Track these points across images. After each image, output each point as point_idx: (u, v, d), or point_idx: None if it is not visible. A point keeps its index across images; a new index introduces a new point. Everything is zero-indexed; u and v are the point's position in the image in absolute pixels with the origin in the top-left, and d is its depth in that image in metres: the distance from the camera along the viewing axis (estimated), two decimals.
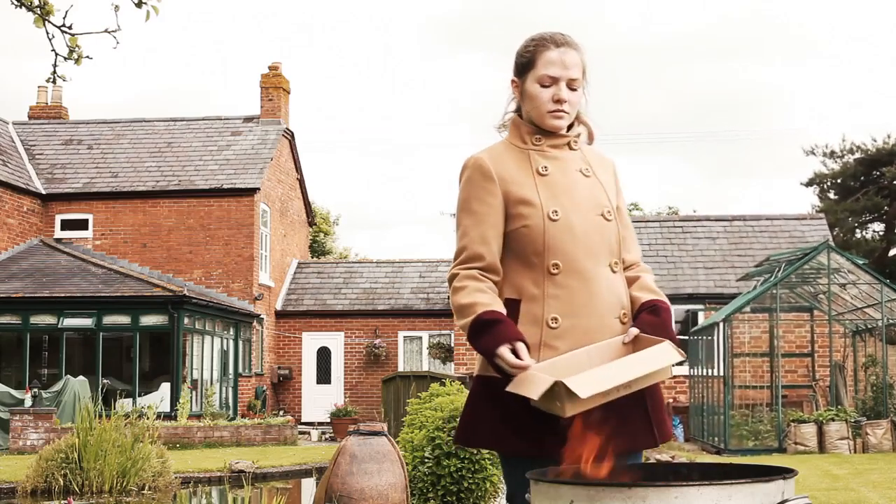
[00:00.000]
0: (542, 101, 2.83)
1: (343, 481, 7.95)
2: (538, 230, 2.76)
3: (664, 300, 2.87)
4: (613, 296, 2.80)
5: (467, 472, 8.26)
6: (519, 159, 2.85)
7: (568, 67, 2.82)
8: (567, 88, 2.82)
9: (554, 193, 2.79)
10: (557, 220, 2.76)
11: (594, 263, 2.78)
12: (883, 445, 14.95)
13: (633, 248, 2.94)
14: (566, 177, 2.84)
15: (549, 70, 2.81)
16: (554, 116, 2.83)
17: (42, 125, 27.13)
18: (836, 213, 33.42)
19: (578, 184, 2.84)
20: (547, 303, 2.75)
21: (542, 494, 2.28)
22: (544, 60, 2.82)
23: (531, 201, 2.78)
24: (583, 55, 2.87)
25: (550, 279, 2.76)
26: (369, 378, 25.36)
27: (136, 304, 20.65)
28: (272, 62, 27.02)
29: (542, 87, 2.82)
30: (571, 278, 2.76)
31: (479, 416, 2.79)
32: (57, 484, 11.73)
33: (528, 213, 2.78)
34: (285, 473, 14.74)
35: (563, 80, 2.82)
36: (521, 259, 2.80)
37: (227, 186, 24.39)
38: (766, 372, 19.27)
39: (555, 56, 2.82)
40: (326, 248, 40.10)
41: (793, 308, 18.85)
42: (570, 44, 2.85)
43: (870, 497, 9.34)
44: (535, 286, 2.77)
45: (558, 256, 2.76)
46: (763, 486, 2.15)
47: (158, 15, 5.02)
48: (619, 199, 2.93)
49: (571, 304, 2.75)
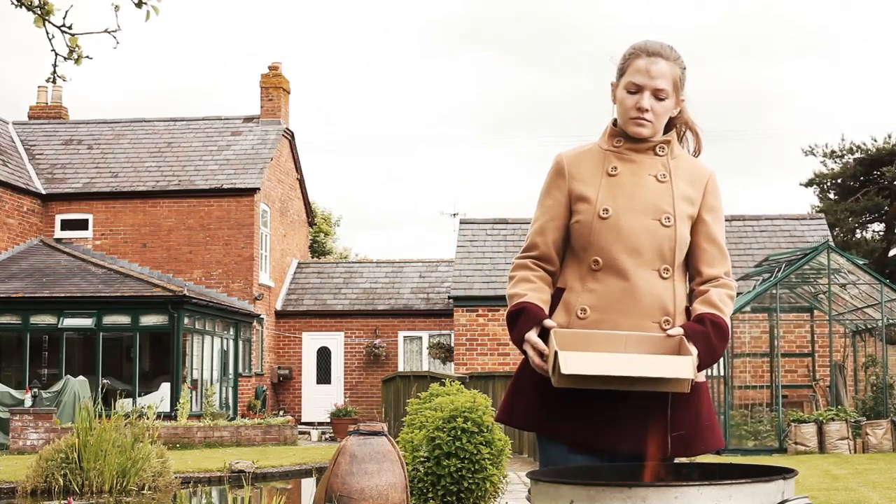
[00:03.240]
0: (626, 108, 2.89)
1: (343, 481, 7.95)
2: (587, 226, 2.84)
3: (719, 315, 2.81)
4: (655, 300, 2.82)
5: (467, 472, 8.25)
6: (597, 159, 2.93)
7: (654, 77, 2.87)
8: (652, 97, 2.87)
9: (613, 193, 2.86)
10: (607, 218, 2.83)
11: (637, 265, 2.82)
12: (883, 445, 14.94)
13: (717, 262, 2.92)
14: (635, 179, 2.88)
15: (635, 78, 2.88)
16: (636, 123, 2.88)
17: (42, 125, 27.13)
18: (836, 213, 33.40)
19: (645, 187, 2.88)
20: (582, 295, 2.84)
21: (542, 494, 2.28)
22: (633, 68, 2.89)
23: (589, 198, 2.86)
24: (676, 67, 2.91)
25: (591, 274, 2.85)
26: (369, 378, 25.36)
27: (136, 304, 20.65)
28: (272, 62, 27.02)
29: (629, 93, 2.89)
30: (610, 275, 2.82)
31: (519, 396, 2.88)
32: (57, 484, 11.73)
33: (583, 209, 2.87)
34: (285, 473, 14.74)
35: (647, 88, 2.87)
36: (574, 253, 2.90)
37: (227, 186, 24.39)
38: (766, 372, 19.27)
39: (643, 65, 2.88)
40: (326, 248, 40.09)
41: (793, 308, 18.84)
42: (663, 54, 2.89)
43: (870, 497, 9.33)
44: (579, 279, 2.87)
45: (600, 253, 2.83)
46: (763, 486, 2.14)
47: (158, 15, 5.01)
48: (708, 214, 2.92)
49: (604, 299, 2.81)
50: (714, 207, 2.95)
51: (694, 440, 2.79)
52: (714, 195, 2.96)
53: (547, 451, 2.85)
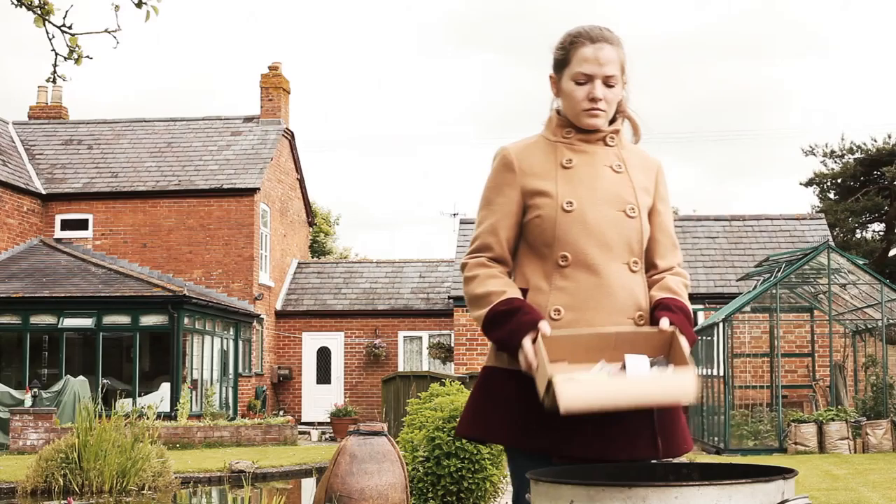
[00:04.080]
0: (577, 100, 2.75)
1: (343, 481, 7.95)
2: (550, 220, 2.70)
3: (679, 299, 2.74)
4: (628, 295, 2.71)
5: (467, 472, 8.25)
6: (546, 152, 2.79)
7: (603, 64, 2.73)
8: (603, 86, 2.75)
9: (573, 186, 2.72)
10: (571, 211, 2.69)
11: (607, 259, 2.69)
12: (883, 445, 14.94)
13: (669, 254, 2.84)
14: (592, 170, 2.76)
15: (584, 67, 2.74)
16: (589, 115, 2.76)
17: (42, 125, 27.13)
18: (836, 213, 33.41)
19: (604, 178, 2.75)
20: (552, 294, 2.69)
21: (542, 494, 2.28)
22: (579, 57, 2.75)
23: (547, 192, 2.72)
24: (620, 50, 2.78)
25: (558, 271, 2.69)
26: (369, 378, 25.35)
27: (136, 304, 20.64)
28: (272, 62, 27.03)
29: (577, 84, 2.75)
30: (580, 271, 2.68)
31: (483, 407, 2.73)
32: (57, 484, 11.73)
33: (542, 203, 2.72)
34: (285, 473, 14.73)
35: (598, 77, 2.74)
36: (533, 250, 2.75)
37: (227, 186, 24.39)
38: (766, 372, 19.26)
39: (589, 53, 2.74)
40: (326, 248, 40.09)
41: (793, 308, 18.84)
42: (607, 38, 2.77)
43: (870, 497, 9.33)
44: (544, 278, 2.71)
45: (567, 248, 2.69)
46: (763, 486, 2.14)
47: (158, 15, 5.02)
48: (660, 204, 2.84)
49: (577, 298, 2.68)
50: (665, 198, 2.87)
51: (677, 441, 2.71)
52: (664, 185, 2.88)
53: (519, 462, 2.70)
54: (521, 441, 2.66)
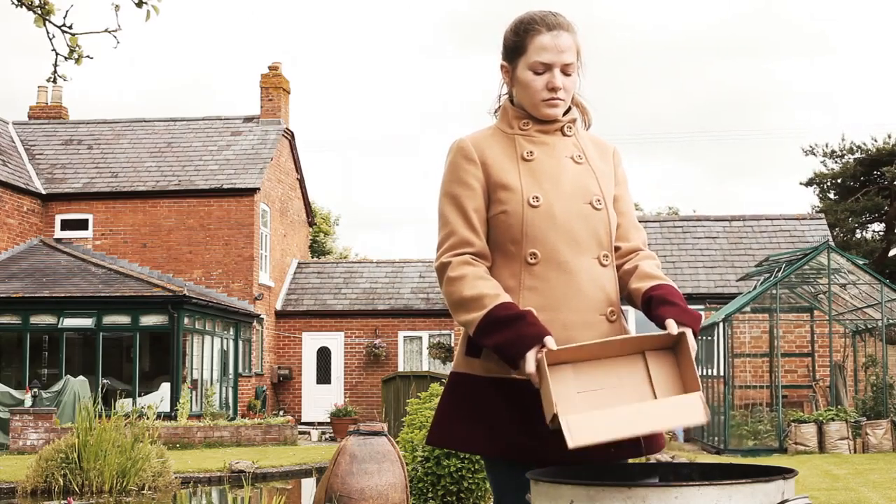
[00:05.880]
0: (536, 90, 2.65)
1: (343, 481, 7.95)
2: (517, 216, 2.59)
3: (667, 283, 2.64)
4: (599, 291, 2.62)
5: (467, 472, 8.25)
6: (504, 144, 2.68)
7: (562, 52, 2.63)
8: (561, 74, 2.64)
9: (537, 179, 2.62)
10: (538, 206, 2.58)
11: (576, 254, 2.60)
12: (883, 445, 14.94)
13: (632, 235, 2.75)
14: (553, 163, 2.66)
15: (542, 56, 2.63)
16: (549, 105, 2.66)
17: (42, 125, 27.13)
18: (836, 213, 33.42)
19: (567, 170, 2.66)
20: (523, 295, 2.57)
21: (542, 494, 2.28)
22: (536, 46, 2.64)
23: (511, 186, 2.60)
24: (576, 36, 2.68)
25: (528, 270, 2.59)
26: (369, 378, 25.35)
27: (136, 304, 20.64)
28: (272, 62, 27.05)
29: (535, 74, 2.65)
30: (550, 269, 2.58)
31: (455, 415, 2.63)
32: (57, 484, 11.73)
33: (507, 198, 2.60)
34: (285, 473, 14.74)
35: (556, 66, 2.63)
36: (499, 248, 2.63)
37: (227, 186, 24.39)
38: (766, 372, 19.26)
39: (547, 41, 2.63)
40: (326, 248, 40.10)
41: (793, 308, 18.84)
42: (563, 25, 2.67)
43: (870, 497, 9.33)
44: (512, 277, 2.59)
45: (536, 245, 2.58)
46: (763, 486, 2.14)
47: (159, 15, 5.02)
48: (618, 188, 2.75)
49: (549, 297, 2.57)
50: (623, 181, 2.79)
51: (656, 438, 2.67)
52: (622, 168, 2.80)
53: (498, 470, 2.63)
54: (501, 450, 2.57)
